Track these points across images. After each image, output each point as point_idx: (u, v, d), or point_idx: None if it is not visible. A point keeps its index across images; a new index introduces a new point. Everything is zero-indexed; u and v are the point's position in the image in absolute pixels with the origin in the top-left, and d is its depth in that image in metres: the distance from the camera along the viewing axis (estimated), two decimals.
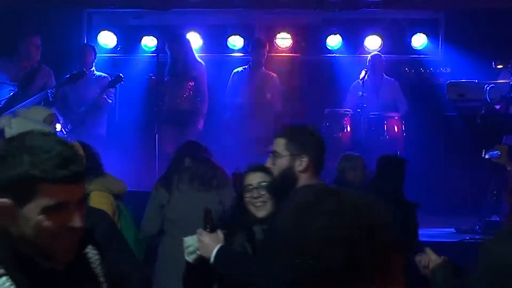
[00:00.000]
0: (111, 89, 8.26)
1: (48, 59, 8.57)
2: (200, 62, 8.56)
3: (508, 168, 6.10)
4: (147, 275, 3.64)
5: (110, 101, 8.36)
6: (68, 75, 7.99)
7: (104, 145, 7.80)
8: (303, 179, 3.35)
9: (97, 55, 8.55)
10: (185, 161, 5.12)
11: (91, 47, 8.66)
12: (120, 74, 8.21)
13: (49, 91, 7.90)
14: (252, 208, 3.53)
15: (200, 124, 8.32)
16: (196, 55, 8.60)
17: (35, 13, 9.10)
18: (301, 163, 3.33)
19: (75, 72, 8.03)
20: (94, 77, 8.38)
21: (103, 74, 8.46)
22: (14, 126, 5.19)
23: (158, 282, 4.92)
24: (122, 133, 8.76)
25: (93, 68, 8.45)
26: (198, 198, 4.87)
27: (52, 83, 8.20)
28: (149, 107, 8.53)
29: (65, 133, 8.06)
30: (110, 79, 8.23)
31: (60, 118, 8.28)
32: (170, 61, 8.45)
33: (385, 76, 8.75)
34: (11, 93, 7.94)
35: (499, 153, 6.19)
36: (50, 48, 8.84)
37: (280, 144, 3.39)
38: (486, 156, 6.25)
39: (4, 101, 7.77)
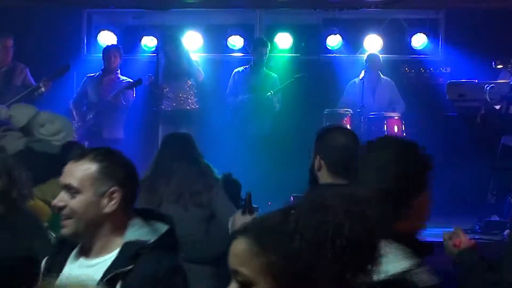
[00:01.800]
0: (129, 91, 8.28)
1: (48, 59, 8.58)
2: (195, 61, 8.55)
3: None
4: None
5: (124, 103, 8.30)
6: (55, 70, 8.00)
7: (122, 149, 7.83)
8: (320, 179, 3.42)
9: (122, 57, 8.57)
10: (173, 165, 4.82)
11: (118, 48, 8.60)
12: (141, 78, 8.23)
13: (41, 84, 7.90)
14: None
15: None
16: (191, 54, 8.58)
17: (35, 13, 9.11)
18: (316, 163, 3.44)
19: (60, 66, 8.02)
20: (118, 80, 8.41)
21: (127, 79, 8.45)
22: (15, 112, 5.47)
23: None
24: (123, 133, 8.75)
25: (118, 71, 8.48)
26: (186, 212, 4.67)
27: (29, 78, 8.19)
28: (150, 107, 8.52)
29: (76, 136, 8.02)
30: (127, 84, 8.29)
31: (76, 120, 8.25)
32: (164, 62, 8.44)
33: (382, 76, 8.74)
34: None
35: None
36: (50, 48, 8.86)
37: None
38: None
39: None
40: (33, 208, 4.01)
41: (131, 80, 8.38)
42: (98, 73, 8.49)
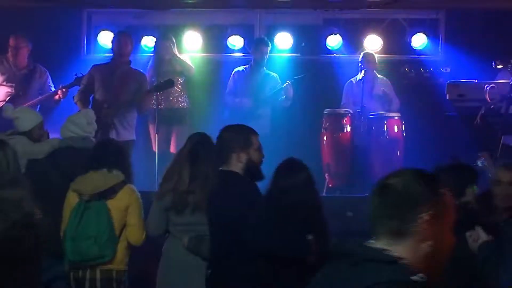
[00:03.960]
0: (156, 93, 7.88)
1: (47, 59, 8.57)
2: (184, 60, 8.51)
3: (490, 174, 6.16)
4: None
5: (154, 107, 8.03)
6: (74, 79, 7.97)
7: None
8: None
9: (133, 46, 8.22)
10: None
11: (128, 35, 8.21)
12: (172, 79, 7.85)
13: (59, 91, 7.90)
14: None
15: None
16: (177, 54, 8.51)
17: (35, 13, 9.11)
18: None
19: (80, 76, 7.98)
20: (132, 74, 7.96)
21: (141, 72, 8.09)
22: (22, 115, 5.97)
23: (161, 281, 4.93)
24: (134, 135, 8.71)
25: (126, 59, 8.01)
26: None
27: (48, 82, 8.17)
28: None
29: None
30: (145, 77, 7.97)
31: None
32: (156, 61, 8.40)
33: (378, 75, 8.73)
34: (9, 95, 7.97)
35: (484, 160, 6.24)
36: (50, 48, 8.85)
37: None
38: (479, 164, 6.25)
39: (3, 102, 7.77)
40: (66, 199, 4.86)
41: (141, 71, 8.08)
42: (106, 62, 8.08)
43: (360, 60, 8.61)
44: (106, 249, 4.86)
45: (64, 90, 7.94)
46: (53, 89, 8.14)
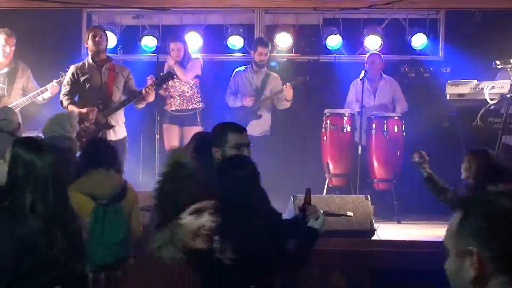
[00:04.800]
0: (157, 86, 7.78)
1: (47, 59, 8.56)
2: (197, 58, 8.53)
3: (424, 174, 6.22)
4: None
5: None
6: (60, 75, 7.93)
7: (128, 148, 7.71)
8: None
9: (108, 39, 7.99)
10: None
11: (101, 30, 7.94)
12: (171, 72, 7.94)
13: (48, 87, 7.85)
14: None
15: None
16: (192, 54, 8.55)
17: (35, 13, 9.11)
18: None
19: (65, 72, 7.90)
20: (115, 67, 7.79)
21: (121, 64, 8.00)
22: (7, 115, 5.81)
23: None
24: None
25: (105, 55, 7.79)
26: None
27: (32, 80, 8.10)
28: (149, 107, 8.47)
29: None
30: (129, 71, 7.85)
31: None
32: (169, 61, 8.42)
33: (384, 75, 8.74)
34: None
35: (420, 157, 6.26)
36: (50, 48, 8.85)
37: None
38: (415, 160, 6.27)
39: None
40: (76, 203, 4.12)
41: (124, 66, 7.99)
42: (85, 61, 7.82)
43: (365, 60, 8.63)
44: (130, 249, 4.92)
45: (56, 84, 7.84)
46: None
